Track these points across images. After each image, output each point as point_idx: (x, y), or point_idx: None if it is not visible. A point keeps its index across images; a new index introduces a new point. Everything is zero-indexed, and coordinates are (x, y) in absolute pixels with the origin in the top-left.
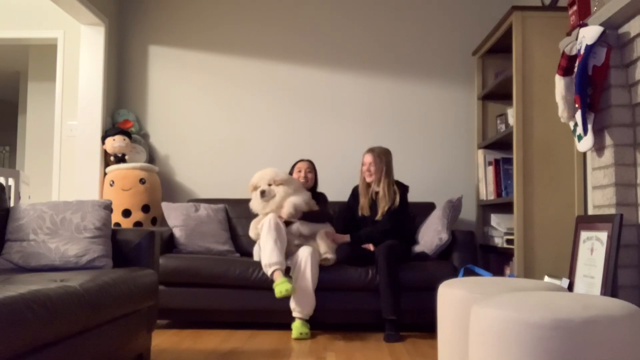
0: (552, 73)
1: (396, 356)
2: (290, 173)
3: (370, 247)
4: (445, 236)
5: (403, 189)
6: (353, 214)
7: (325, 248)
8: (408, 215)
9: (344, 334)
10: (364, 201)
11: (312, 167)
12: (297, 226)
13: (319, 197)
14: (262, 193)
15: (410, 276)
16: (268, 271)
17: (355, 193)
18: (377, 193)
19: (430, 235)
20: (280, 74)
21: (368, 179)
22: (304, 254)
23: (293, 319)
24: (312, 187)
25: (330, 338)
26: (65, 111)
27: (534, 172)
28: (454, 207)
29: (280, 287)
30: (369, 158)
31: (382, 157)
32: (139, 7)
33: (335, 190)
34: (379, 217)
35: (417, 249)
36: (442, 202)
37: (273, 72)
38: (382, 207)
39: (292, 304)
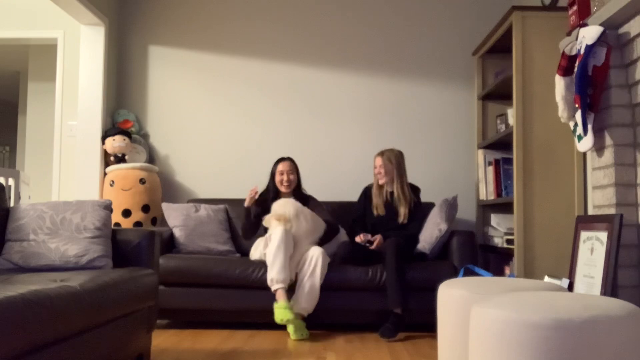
0: (552, 73)
1: (396, 356)
2: (273, 172)
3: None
4: (444, 226)
5: (416, 191)
6: (365, 213)
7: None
8: (422, 217)
9: (344, 334)
10: (378, 201)
11: (294, 168)
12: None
13: (310, 202)
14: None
15: (410, 276)
16: (273, 286)
17: (367, 193)
18: (391, 194)
19: (430, 229)
20: (281, 74)
21: (381, 182)
22: (315, 252)
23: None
24: (295, 189)
25: (330, 338)
26: (65, 111)
27: (534, 172)
28: (450, 205)
29: (283, 313)
30: (378, 161)
31: (392, 160)
32: (139, 7)
33: (337, 190)
34: (402, 220)
35: (417, 247)
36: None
37: (273, 72)
38: (403, 209)
39: (297, 299)
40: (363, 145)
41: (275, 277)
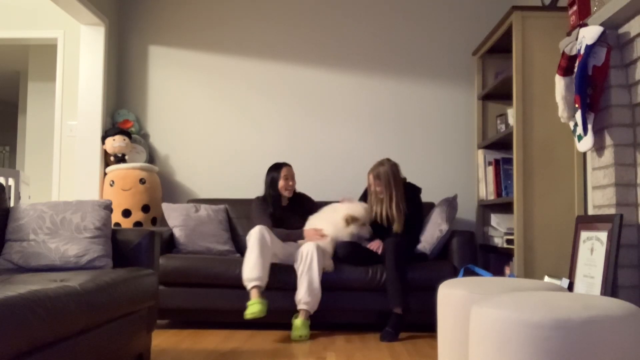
0: (552, 73)
1: (396, 356)
2: (274, 178)
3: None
4: (445, 227)
5: (415, 191)
6: None
7: (328, 258)
8: (421, 218)
9: (344, 334)
10: (377, 209)
11: (294, 173)
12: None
13: (306, 201)
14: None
15: (410, 276)
16: (247, 285)
17: (365, 194)
18: (388, 205)
19: (431, 230)
20: (281, 74)
21: (380, 196)
22: (308, 248)
23: (294, 315)
24: (294, 193)
25: (330, 338)
26: (65, 111)
27: (534, 172)
28: (451, 204)
29: (252, 307)
30: (371, 179)
31: (381, 177)
32: (139, 7)
33: (336, 190)
34: (396, 229)
35: (418, 247)
36: None
37: (273, 72)
38: (397, 225)
39: (298, 297)
40: (363, 146)
41: (247, 276)
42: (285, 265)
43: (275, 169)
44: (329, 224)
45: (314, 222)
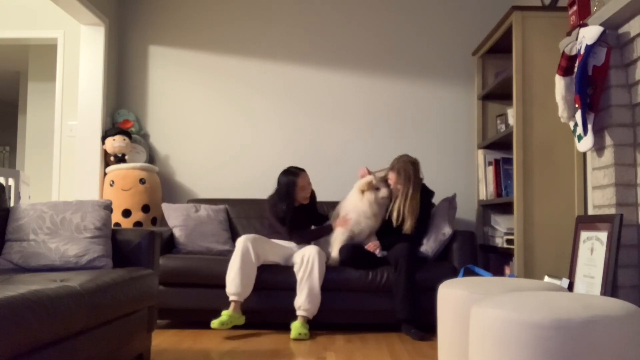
0: (552, 73)
1: (396, 356)
2: (291, 188)
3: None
4: (449, 230)
5: (428, 196)
6: None
7: (335, 251)
8: (428, 223)
9: (344, 334)
10: (390, 207)
11: (309, 178)
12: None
13: (311, 197)
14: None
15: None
16: (228, 296)
17: None
18: (403, 202)
19: (434, 234)
20: (281, 74)
21: (396, 193)
22: (311, 252)
23: (294, 318)
24: None
25: (330, 338)
26: (65, 111)
27: (534, 172)
28: (451, 204)
29: (223, 317)
30: (392, 178)
31: (401, 172)
32: (139, 7)
33: (336, 190)
34: (407, 230)
35: (420, 249)
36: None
37: (273, 72)
38: (410, 223)
39: (298, 303)
40: (363, 145)
41: (227, 289)
42: (285, 266)
43: (292, 176)
44: (350, 206)
45: (344, 207)
